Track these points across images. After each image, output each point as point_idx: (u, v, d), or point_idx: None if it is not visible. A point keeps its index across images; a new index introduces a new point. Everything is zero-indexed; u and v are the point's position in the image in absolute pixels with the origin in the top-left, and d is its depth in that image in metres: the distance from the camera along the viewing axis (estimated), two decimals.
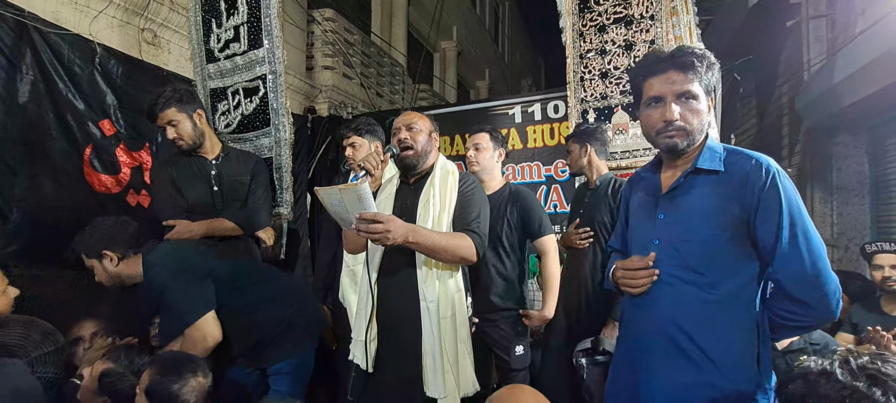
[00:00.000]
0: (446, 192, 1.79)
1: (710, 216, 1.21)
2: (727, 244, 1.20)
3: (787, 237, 1.13)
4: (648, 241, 1.31)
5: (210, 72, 2.94)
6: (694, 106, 1.23)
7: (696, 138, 1.25)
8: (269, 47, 2.68)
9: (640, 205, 1.39)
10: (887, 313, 2.21)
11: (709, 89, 1.26)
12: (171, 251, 1.99)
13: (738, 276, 1.20)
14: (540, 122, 3.56)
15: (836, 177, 3.22)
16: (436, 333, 1.67)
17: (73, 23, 2.79)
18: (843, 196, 3.18)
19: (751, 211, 1.17)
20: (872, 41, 2.46)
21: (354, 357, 1.81)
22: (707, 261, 1.21)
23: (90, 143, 2.86)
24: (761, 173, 1.17)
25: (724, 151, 1.26)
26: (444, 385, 1.66)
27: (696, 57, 1.22)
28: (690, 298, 1.22)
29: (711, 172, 1.23)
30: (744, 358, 1.18)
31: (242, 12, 2.74)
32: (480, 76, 11.35)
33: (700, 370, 1.19)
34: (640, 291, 1.29)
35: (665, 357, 1.23)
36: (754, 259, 1.20)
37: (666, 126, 1.24)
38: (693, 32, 2.42)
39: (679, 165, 1.30)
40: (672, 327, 1.23)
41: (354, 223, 1.48)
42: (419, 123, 1.83)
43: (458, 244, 1.65)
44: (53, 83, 2.69)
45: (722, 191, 1.21)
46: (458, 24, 9.53)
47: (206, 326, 1.82)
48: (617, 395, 1.37)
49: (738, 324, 1.20)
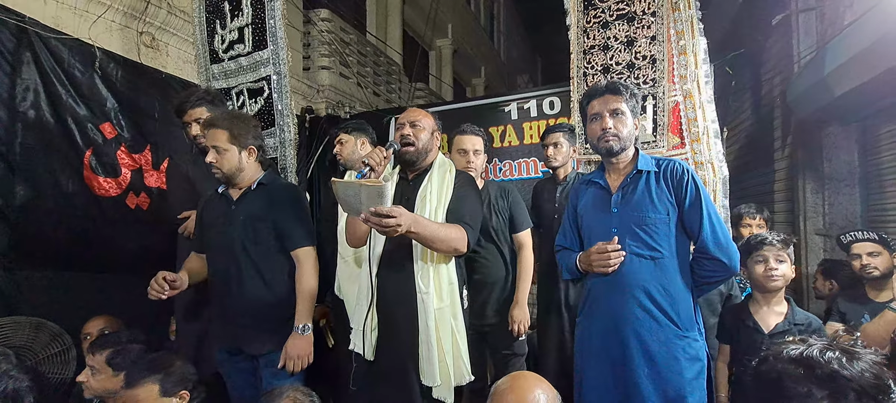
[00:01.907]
0: (443, 188, 1.85)
1: (654, 204, 1.62)
2: (669, 225, 1.62)
3: (707, 219, 1.58)
4: (607, 231, 1.67)
5: (214, 72, 2.97)
6: (622, 119, 1.67)
7: (626, 144, 1.68)
8: (274, 49, 2.72)
9: (593, 205, 1.77)
10: (873, 299, 2.25)
11: (635, 113, 1.71)
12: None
13: (680, 248, 1.64)
14: (536, 119, 3.59)
15: (827, 167, 3.26)
16: (431, 324, 1.74)
17: (72, 27, 2.82)
18: (834, 186, 3.22)
19: (681, 202, 1.62)
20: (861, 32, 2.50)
21: (355, 346, 1.87)
22: (658, 239, 1.62)
23: (91, 147, 2.90)
24: (684, 174, 1.63)
25: (653, 158, 1.70)
26: (438, 374, 1.73)
27: (623, 86, 1.70)
28: (649, 269, 1.62)
29: (648, 173, 1.66)
30: (689, 311, 1.62)
31: (247, 14, 2.78)
32: (476, 73, 11.38)
33: (662, 326, 1.60)
34: (614, 270, 1.63)
35: (637, 319, 1.61)
36: (685, 235, 1.65)
37: (603, 133, 1.67)
38: (695, 27, 2.45)
39: (620, 170, 1.72)
40: (640, 293, 1.61)
41: (365, 214, 1.53)
42: (423, 121, 1.89)
43: (452, 235, 1.73)
44: (54, 87, 2.72)
45: (658, 186, 1.64)
46: (454, 21, 9.55)
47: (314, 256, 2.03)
48: (599, 354, 1.68)
49: (684, 286, 1.63)
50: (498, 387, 1.25)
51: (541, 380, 1.25)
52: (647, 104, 2.56)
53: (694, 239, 1.63)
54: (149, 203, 3.17)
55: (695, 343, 1.61)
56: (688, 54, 2.47)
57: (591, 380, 1.71)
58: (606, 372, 1.67)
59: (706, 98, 2.46)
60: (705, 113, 2.46)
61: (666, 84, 2.52)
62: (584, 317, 1.78)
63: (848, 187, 3.15)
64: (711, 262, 1.60)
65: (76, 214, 2.83)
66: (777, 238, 1.85)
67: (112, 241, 2.96)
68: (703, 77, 2.47)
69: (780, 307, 1.87)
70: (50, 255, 2.72)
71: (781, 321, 1.83)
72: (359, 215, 1.57)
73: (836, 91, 2.69)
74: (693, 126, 2.47)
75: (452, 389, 1.78)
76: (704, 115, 2.46)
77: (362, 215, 1.54)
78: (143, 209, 3.14)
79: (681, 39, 2.46)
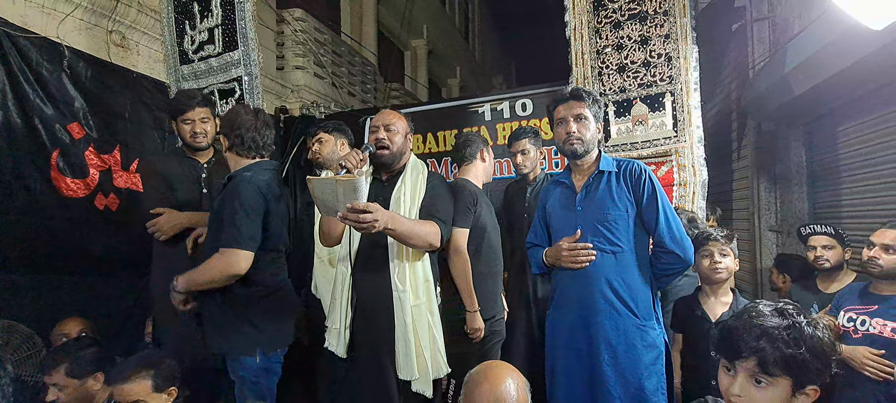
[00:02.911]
0: (416, 189, 1.92)
1: (615, 202, 1.76)
2: (629, 221, 1.76)
3: (663, 215, 1.72)
4: (572, 227, 1.80)
5: (184, 73, 2.96)
6: (585, 124, 1.80)
7: (589, 147, 1.82)
8: (245, 50, 2.73)
9: (560, 204, 1.89)
10: (822, 290, 2.41)
11: (597, 118, 1.83)
12: (268, 180, 1.93)
13: (638, 243, 1.77)
14: (509, 120, 3.69)
15: (778, 167, 3.48)
16: (408, 320, 1.80)
17: (40, 26, 2.76)
18: (784, 185, 3.44)
19: (639, 200, 1.75)
20: (806, 41, 2.67)
21: (330, 345, 1.91)
22: (618, 235, 1.74)
23: (58, 147, 2.84)
24: (642, 174, 1.76)
25: (614, 160, 1.84)
26: (415, 368, 1.80)
27: (585, 92, 1.83)
28: (612, 263, 1.74)
29: (609, 173, 1.79)
30: (648, 301, 1.76)
31: (216, 15, 2.78)
32: (452, 74, 11.46)
33: (622, 316, 1.72)
34: (583, 266, 1.76)
35: (602, 311, 1.73)
36: (643, 230, 1.78)
37: (568, 136, 1.80)
38: (688, 34, 2.58)
39: (585, 170, 1.85)
40: (604, 286, 1.74)
41: (342, 212, 1.56)
42: (397, 124, 1.94)
43: (427, 230, 1.81)
44: (21, 87, 2.66)
45: (619, 185, 1.77)
46: (429, 22, 9.61)
47: (238, 259, 1.79)
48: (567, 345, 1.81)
49: (644, 278, 1.77)
50: (470, 377, 1.32)
51: (512, 369, 1.32)
52: (666, 100, 2.66)
53: (651, 233, 1.77)
54: (118, 204, 3.13)
55: (653, 331, 1.75)
56: (680, 59, 2.59)
57: (560, 370, 1.83)
58: (573, 362, 1.78)
59: (693, 103, 2.59)
60: (692, 117, 2.59)
61: (683, 80, 2.60)
62: (552, 310, 1.90)
63: (797, 186, 3.36)
64: (668, 255, 1.74)
65: (43, 216, 2.77)
66: (721, 234, 2.00)
67: (80, 243, 2.92)
68: (692, 83, 2.59)
69: (726, 297, 2.02)
70: (17, 257, 2.66)
71: (727, 310, 1.97)
72: (336, 214, 1.60)
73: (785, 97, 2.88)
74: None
75: (431, 382, 1.86)
76: (691, 120, 2.59)
77: (339, 213, 1.58)
78: (112, 210, 3.10)
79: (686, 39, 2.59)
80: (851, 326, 1.95)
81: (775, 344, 1.03)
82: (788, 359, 1.02)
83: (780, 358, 1.02)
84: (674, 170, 2.69)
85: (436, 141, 3.93)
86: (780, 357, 1.02)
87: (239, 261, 1.78)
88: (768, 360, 1.03)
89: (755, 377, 1.05)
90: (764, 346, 1.03)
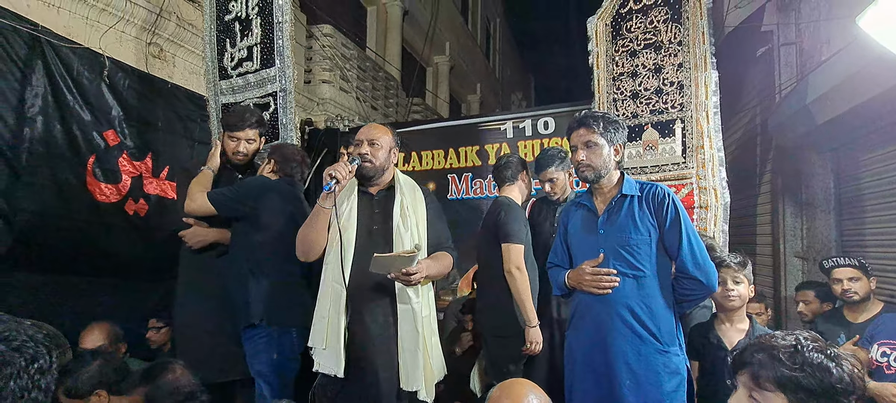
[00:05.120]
0: (416, 205, 1.98)
1: (637, 226, 1.73)
2: (651, 245, 1.73)
3: (686, 241, 1.68)
4: (594, 251, 1.78)
5: (223, 88, 3.06)
6: (595, 150, 1.78)
7: (602, 172, 1.79)
8: (281, 66, 2.82)
9: (582, 227, 1.88)
10: (851, 321, 2.34)
11: (612, 141, 1.80)
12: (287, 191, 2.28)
13: (661, 268, 1.74)
14: (530, 138, 3.72)
15: (805, 193, 3.41)
16: (420, 330, 1.84)
17: (83, 37, 2.90)
18: (811, 212, 3.36)
19: (662, 224, 1.72)
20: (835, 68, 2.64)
21: (323, 368, 1.87)
22: (640, 259, 1.72)
23: (94, 153, 2.96)
24: (666, 198, 1.73)
25: (637, 183, 1.81)
26: (423, 379, 1.83)
27: (593, 118, 1.80)
28: (632, 287, 1.72)
29: (632, 197, 1.77)
30: (670, 327, 1.73)
31: (256, 34, 2.88)
32: (472, 90, 11.57)
33: (644, 342, 1.70)
34: (606, 292, 1.73)
35: (622, 335, 1.71)
36: (665, 255, 1.75)
37: (578, 164, 1.81)
38: (708, 61, 2.60)
39: (606, 193, 1.83)
40: (625, 310, 1.71)
41: (394, 274, 1.78)
42: (381, 139, 1.96)
43: (446, 263, 1.99)
44: (62, 94, 2.79)
45: (642, 209, 1.75)
46: (451, 39, 9.74)
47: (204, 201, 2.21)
48: (585, 367, 1.79)
49: (667, 303, 1.74)
50: (492, 395, 1.30)
51: (533, 387, 1.31)
52: (676, 127, 2.71)
53: (674, 257, 1.73)
54: (147, 209, 3.23)
55: (675, 357, 1.71)
56: (699, 85, 2.62)
57: (578, 392, 1.81)
58: (591, 384, 1.76)
59: (714, 127, 2.59)
60: (712, 141, 2.59)
61: (694, 108, 2.65)
62: (571, 331, 1.88)
63: (823, 213, 3.29)
64: (690, 281, 1.70)
65: (76, 218, 2.88)
66: (734, 260, 1.95)
67: (109, 246, 3.01)
68: (711, 108, 2.61)
69: (743, 325, 1.97)
70: (49, 259, 2.76)
71: (743, 338, 1.92)
72: (387, 274, 1.79)
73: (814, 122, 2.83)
74: (700, 153, 2.60)
75: (433, 387, 1.91)
76: (711, 144, 2.59)
77: (391, 274, 1.78)
78: (140, 215, 3.20)
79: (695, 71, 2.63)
80: (885, 361, 1.89)
81: (772, 360, 1.02)
82: (783, 378, 0.99)
83: (774, 377, 1.00)
84: (694, 192, 2.68)
85: (457, 157, 3.96)
86: (773, 376, 1.00)
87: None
88: (761, 374, 1.02)
89: (750, 392, 1.05)
90: (759, 359, 1.03)
